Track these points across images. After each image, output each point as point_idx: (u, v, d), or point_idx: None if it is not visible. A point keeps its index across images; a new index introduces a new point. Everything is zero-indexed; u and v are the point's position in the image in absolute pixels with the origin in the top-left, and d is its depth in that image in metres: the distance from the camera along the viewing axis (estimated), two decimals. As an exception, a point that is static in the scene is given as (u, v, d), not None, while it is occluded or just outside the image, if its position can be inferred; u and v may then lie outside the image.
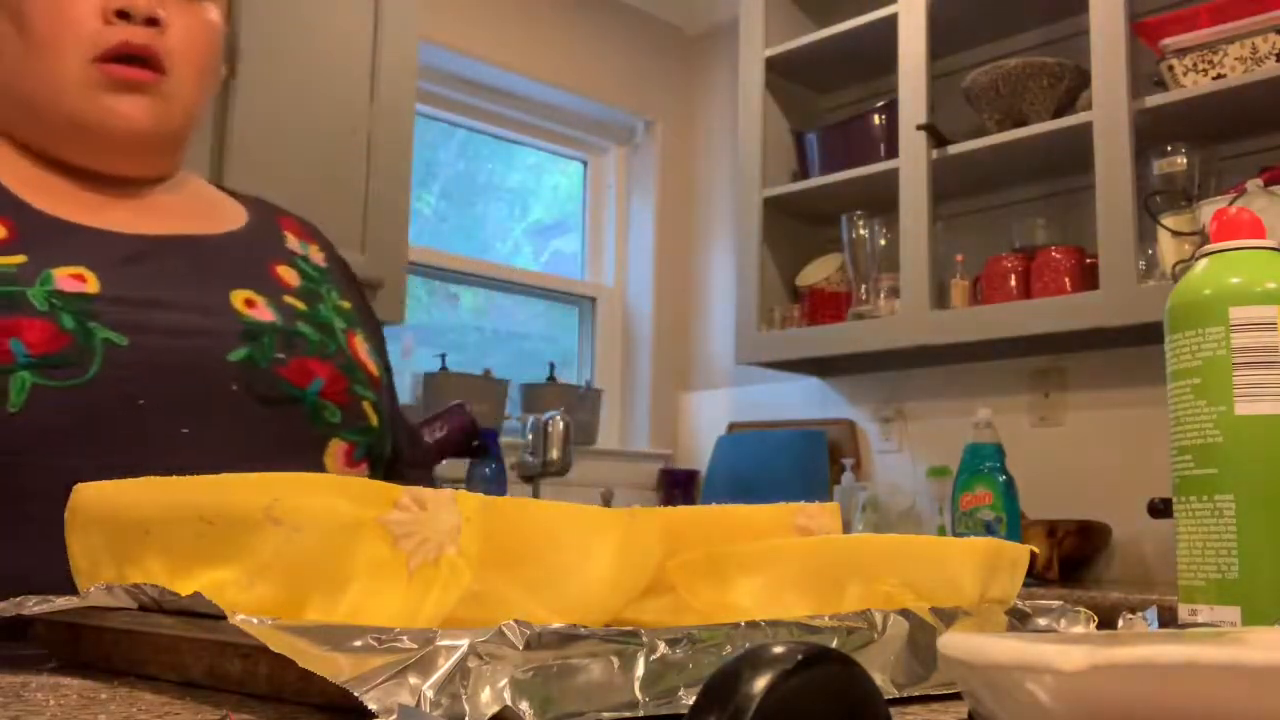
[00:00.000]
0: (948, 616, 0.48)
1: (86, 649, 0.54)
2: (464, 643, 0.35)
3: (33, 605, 0.52)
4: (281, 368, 0.85)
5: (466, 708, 0.34)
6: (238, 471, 0.58)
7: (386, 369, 1.03)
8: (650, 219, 3.61)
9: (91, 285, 0.82)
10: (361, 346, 0.95)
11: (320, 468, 0.87)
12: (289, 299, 0.92)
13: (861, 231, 2.82)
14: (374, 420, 0.92)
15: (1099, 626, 0.58)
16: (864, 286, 2.80)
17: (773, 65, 2.99)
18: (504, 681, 0.35)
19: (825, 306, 2.90)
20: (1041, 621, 0.56)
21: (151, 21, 0.86)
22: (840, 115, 3.06)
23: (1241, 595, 0.60)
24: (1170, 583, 0.65)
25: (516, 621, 0.36)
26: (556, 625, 0.37)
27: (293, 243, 1.01)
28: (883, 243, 2.79)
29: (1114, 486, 2.47)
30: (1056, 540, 2.32)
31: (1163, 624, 0.58)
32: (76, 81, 0.85)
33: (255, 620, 0.38)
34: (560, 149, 3.58)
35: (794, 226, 3.05)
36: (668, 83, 3.65)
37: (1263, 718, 0.28)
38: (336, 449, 0.89)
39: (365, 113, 2.42)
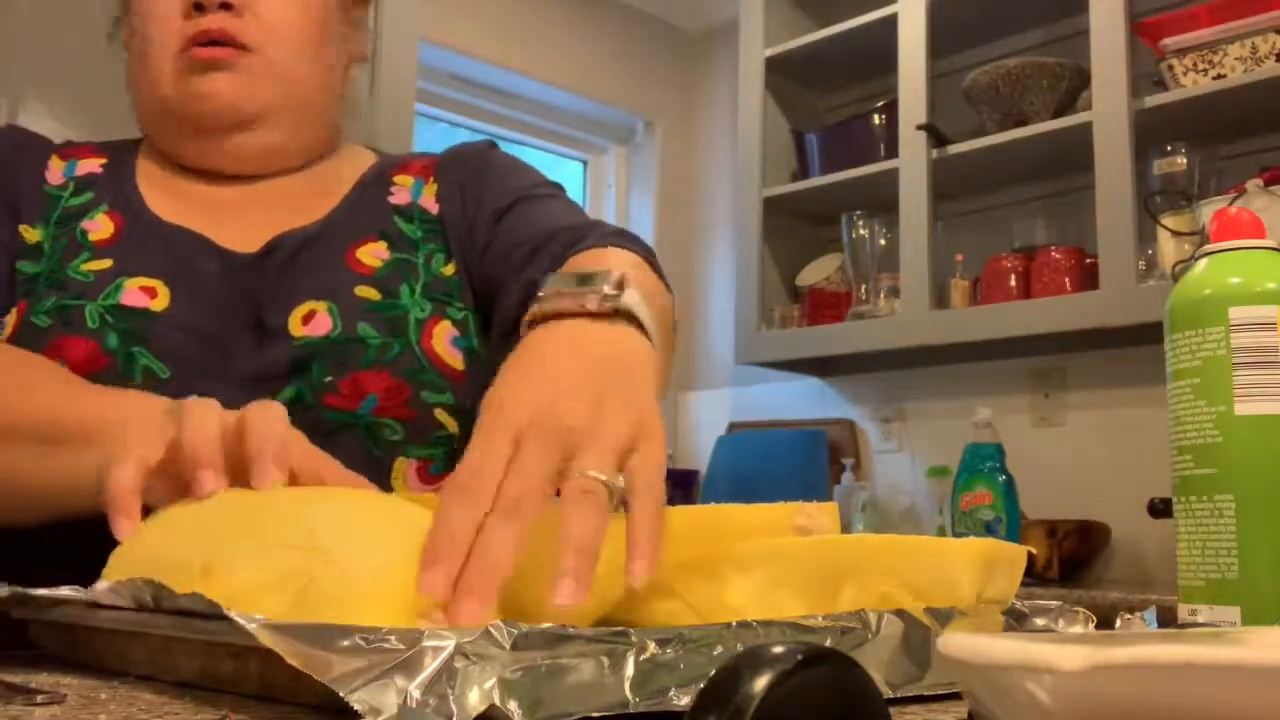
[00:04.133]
0: (943, 617, 0.48)
1: (83, 649, 0.54)
2: (450, 643, 0.34)
3: (35, 594, 0.52)
4: (331, 395, 0.80)
5: (454, 708, 0.34)
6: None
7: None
8: (650, 219, 3.60)
9: (160, 301, 0.81)
10: (443, 337, 0.85)
11: (389, 491, 0.78)
12: (361, 291, 0.85)
13: (861, 231, 2.82)
14: (451, 426, 0.83)
15: (1099, 626, 0.58)
16: (864, 286, 2.80)
17: (773, 65, 2.98)
18: (492, 681, 0.35)
19: (825, 306, 2.89)
20: (1039, 621, 0.55)
21: (225, 6, 0.86)
22: (840, 115, 3.06)
23: (1241, 595, 0.60)
24: (1170, 583, 0.65)
25: (504, 621, 0.35)
26: (545, 625, 0.36)
27: (401, 193, 0.94)
28: (883, 243, 2.79)
29: (1114, 486, 2.47)
30: (1056, 540, 2.31)
31: (1162, 624, 0.58)
32: (168, 73, 0.87)
33: (248, 619, 0.38)
34: (560, 149, 3.58)
35: (794, 226, 3.05)
36: (668, 83, 3.65)
37: (1263, 718, 0.28)
38: (405, 469, 0.81)
39: (365, 113, 2.42)
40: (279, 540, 0.46)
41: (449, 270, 0.90)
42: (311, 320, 0.83)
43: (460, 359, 0.85)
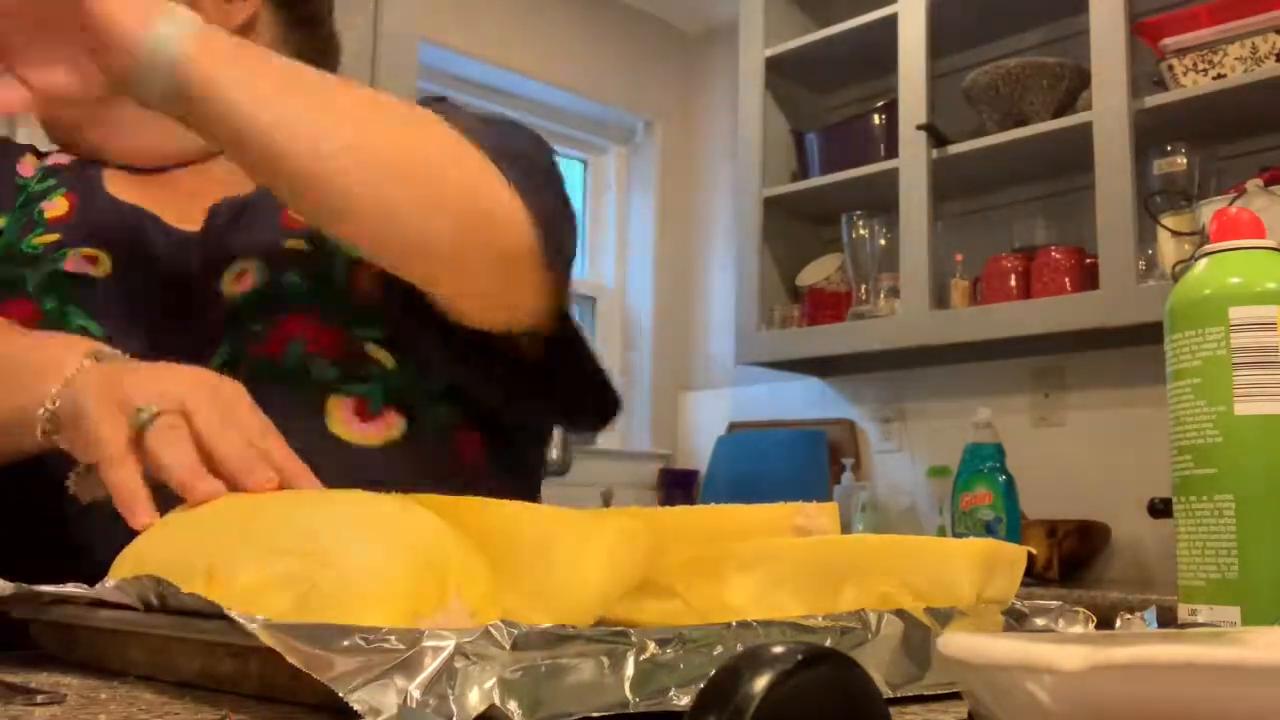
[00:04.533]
0: (942, 616, 0.48)
1: (83, 649, 0.54)
2: (450, 643, 0.34)
3: (39, 591, 0.52)
4: (258, 346, 0.79)
5: (454, 708, 0.34)
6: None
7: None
8: (650, 219, 3.61)
9: (101, 268, 0.81)
10: (370, 273, 0.83)
11: (326, 433, 0.78)
12: (291, 243, 0.84)
13: (861, 231, 2.82)
14: (388, 361, 0.81)
15: (1099, 626, 0.58)
16: (864, 286, 2.80)
17: (773, 65, 2.98)
18: (492, 681, 0.35)
19: (825, 306, 2.89)
20: (1039, 621, 0.55)
21: None
22: (840, 115, 3.06)
23: (1241, 595, 0.60)
24: (1170, 583, 0.65)
25: (504, 621, 0.35)
26: (545, 625, 0.36)
27: None
28: (883, 243, 2.79)
29: (1114, 486, 2.47)
30: (1056, 540, 2.31)
31: (1162, 624, 0.58)
32: None
33: (248, 618, 0.38)
34: (560, 149, 3.58)
35: (794, 226, 3.05)
36: (668, 83, 3.65)
37: (1263, 718, 0.28)
38: (338, 408, 0.79)
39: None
40: (279, 543, 0.46)
41: None
42: (243, 279, 0.82)
43: (393, 293, 0.83)
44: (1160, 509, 2.01)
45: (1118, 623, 0.56)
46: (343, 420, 0.79)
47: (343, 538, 0.46)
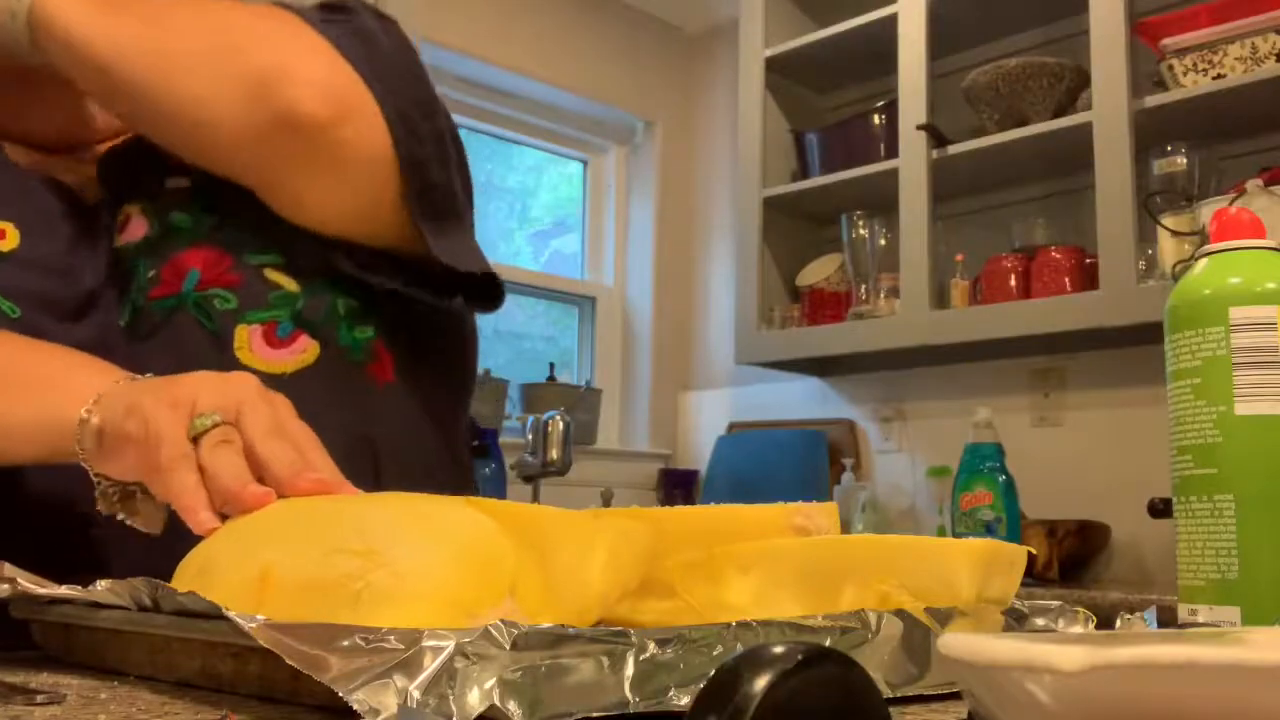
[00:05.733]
0: (942, 617, 0.48)
1: (83, 649, 0.54)
2: (450, 643, 0.34)
3: (33, 589, 0.52)
4: (156, 289, 0.77)
5: (454, 708, 0.34)
6: None
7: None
8: (650, 219, 3.60)
9: (8, 242, 0.77)
10: (256, 199, 0.80)
11: (236, 365, 0.76)
12: (173, 181, 0.82)
13: (861, 231, 2.82)
14: (290, 284, 0.79)
15: (1099, 626, 0.58)
16: (864, 286, 2.80)
17: (773, 65, 2.98)
18: (492, 682, 0.35)
19: (825, 306, 2.89)
20: (1039, 621, 0.55)
21: None
22: (840, 115, 3.06)
23: (1241, 595, 0.60)
24: (1170, 583, 0.65)
25: (504, 621, 0.35)
26: (544, 625, 0.36)
27: None
28: (883, 243, 2.79)
29: (1114, 486, 2.47)
30: (1056, 540, 2.31)
31: (1162, 624, 0.58)
32: None
33: (247, 619, 0.38)
34: (560, 149, 3.58)
35: (794, 226, 3.05)
36: (668, 83, 3.65)
37: (1263, 718, 0.28)
38: (248, 337, 0.77)
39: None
40: (333, 544, 0.46)
41: None
42: (127, 226, 0.81)
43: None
44: (1160, 509, 2.01)
45: (1118, 623, 0.56)
46: (253, 349, 0.77)
47: (397, 537, 0.46)
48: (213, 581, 0.49)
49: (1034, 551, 0.62)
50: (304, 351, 0.79)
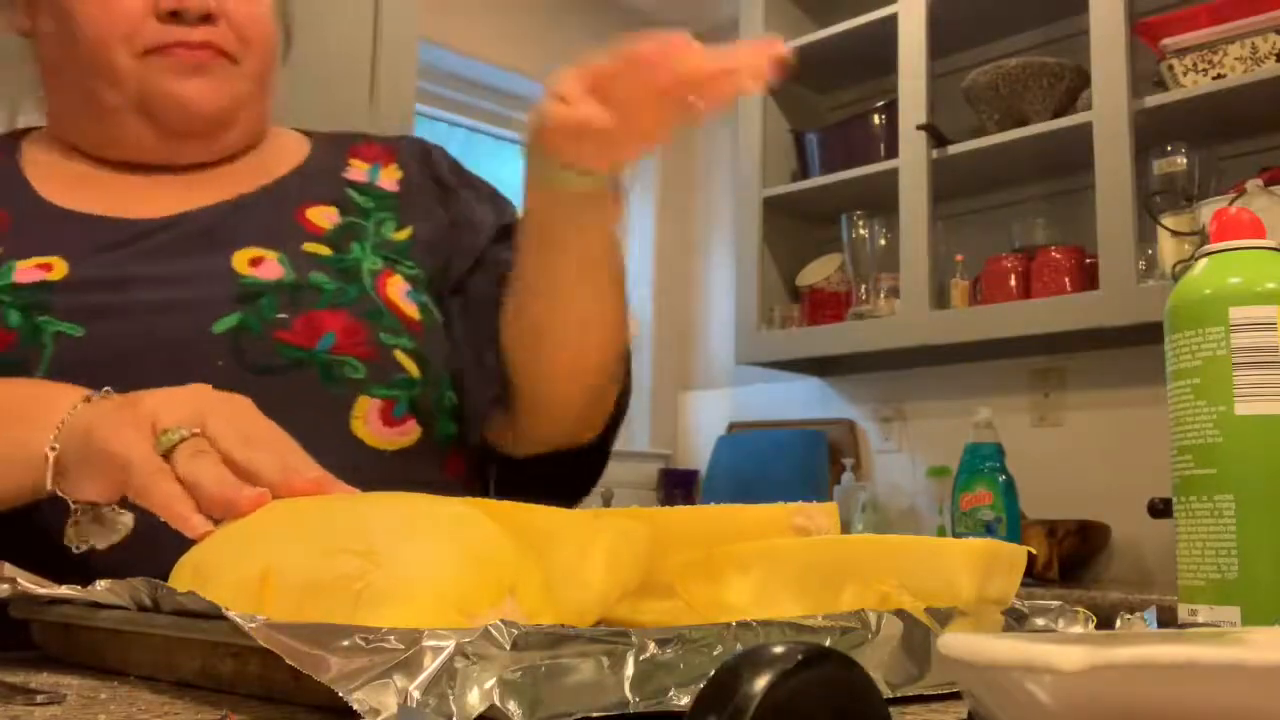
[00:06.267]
0: (942, 617, 0.48)
1: (83, 649, 0.54)
2: (450, 643, 0.34)
3: (33, 589, 0.52)
4: (283, 330, 0.78)
5: (454, 708, 0.34)
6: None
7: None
8: (650, 219, 3.60)
9: (56, 273, 0.78)
10: (397, 288, 0.85)
11: (347, 432, 0.79)
12: (310, 246, 0.85)
13: (861, 231, 2.82)
14: (413, 370, 0.82)
15: (1099, 626, 0.58)
16: (864, 286, 2.80)
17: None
18: (492, 682, 0.35)
19: (825, 306, 2.89)
20: (1039, 621, 0.55)
21: (205, 18, 0.83)
22: (840, 115, 3.06)
23: (1241, 595, 0.60)
24: (1170, 583, 0.65)
25: (504, 621, 0.35)
26: (545, 625, 0.36)
27: (358, 170, 0.95)
28: (883, 243, 2.79)
29: (1114, 486, 2.47)
30: (1056, 540, 2.31)
31: (1162, 624, 0.58)
32: (134, 73, 0.83)
33: (247, 618, 0.38)
34: (560, 149, 3.58)
35: (794, 226, 3.05)
36: (668, 83, 3.64)
37: (1263, 718, 0.28)
38: (367, 409, 0.80)
39: (365, 113, 2.41)
40: (332, 544, 0.46)
41: (400, 235, 0.90)
42: (260, 264, 0.81)
43: (415, 310, 0.85)
44: (1160, 509, 2.01)
45: (1118, 623, 0.56)
46: (367, 421, 0.80)
47: (396, 537, 0.46)
48: (209, 584, 0.49)
49: (1034, 551, 0.62)
50: (408, 435, 0.82)
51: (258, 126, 0.93)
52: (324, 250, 0.85)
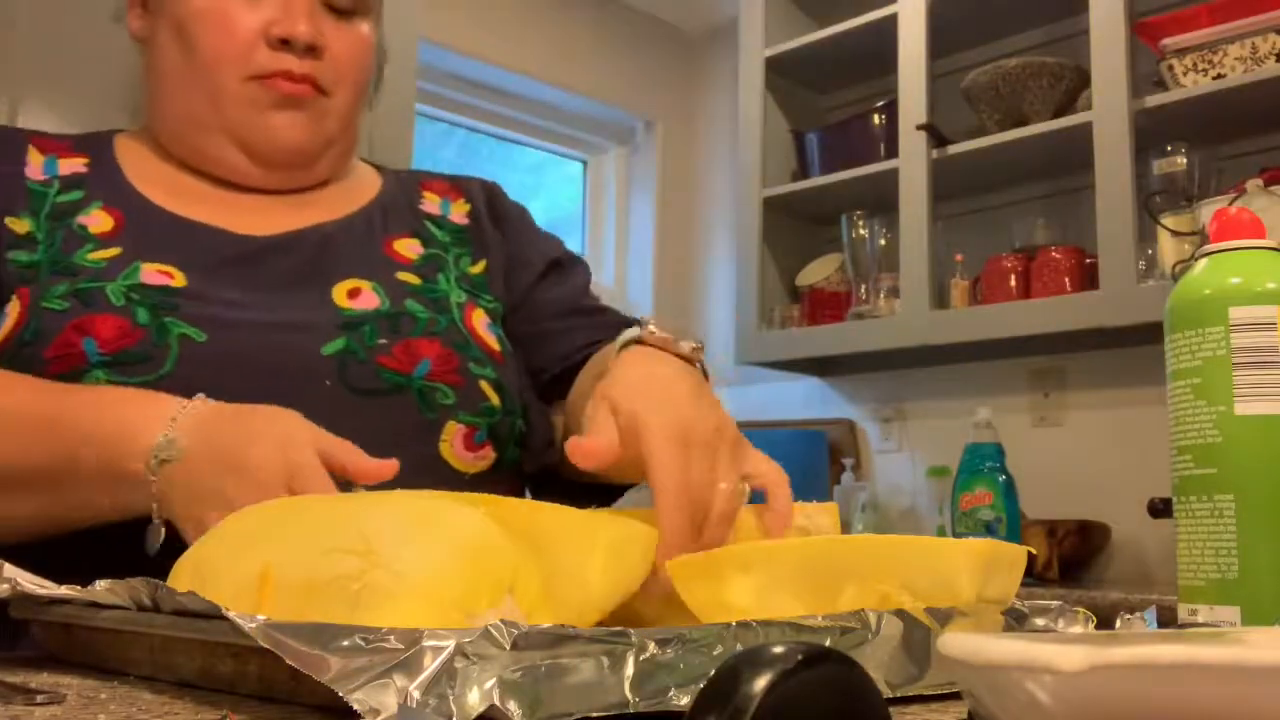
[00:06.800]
0: (942, 617, 0.48)
1: (83, 649, 0.54)
2: (450, 643, 0.34)
3: (33, 589, 0.52)
4: (384, 356, 0.83)
5: (454, 708, 0.34)
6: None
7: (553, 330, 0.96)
8: (650, 219, 3.60)
9: (178, 281, 0.82)
10: (480, 320, 0.91)
11: (435, 455, 0.84)
12: (402, 275, 0.90)
13: (861, 231, 2.82)
14: (495, 399, 0.87)
15: (1099, 626, 0.58)
16: (864, 286, 2.80)
17: (773, 65, 2.98)
18: (492, 682, 0.35)
19: (825, 306, 2.89)
20: (1039, 621, 0.55)
21: (310, 49, 0.88)
22: (840, 115, 3.06)
23: (1241, 595, 0.60)
24: (1170, 583, 0.65)
25: (504, 621, 0.35)
26: (545, 625, 0.36)
27: (431, 204, 1.01)
28: (883, 243, 2.79)
29: (1114, 486, 2.47)
30: (1056, 540, 2.31)
31: (1162, 624, 0.58)
32: (235, 96, 0.87)
33: (247, 618, 0.38)
34: (560, 149, 3.58)
35: (794, 226, 3.05)
36: (668, 83, 3.65)
37: (1263, 718, 0.28)
38: (454, 433, 0.85)
39: (365, 112, 2.41)
40: (332, 544, 0.46)
41: (477, 269, 0.96)
42: (358, 296, 0.87)
43: (495, 341, 0.91)
44: (1160, 509, 2.01)
45: (1118, 623, 0.56)
46: (454, 445, 0.85)
47: (396, 537, 0.46)
48: (209, 583, 0.49)
49: (1034, 551, 0.62)
50: (485, 459, 0.87)
51: (344, 159, 0.98)
52: (414, 279, 0.91)
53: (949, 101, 2.67)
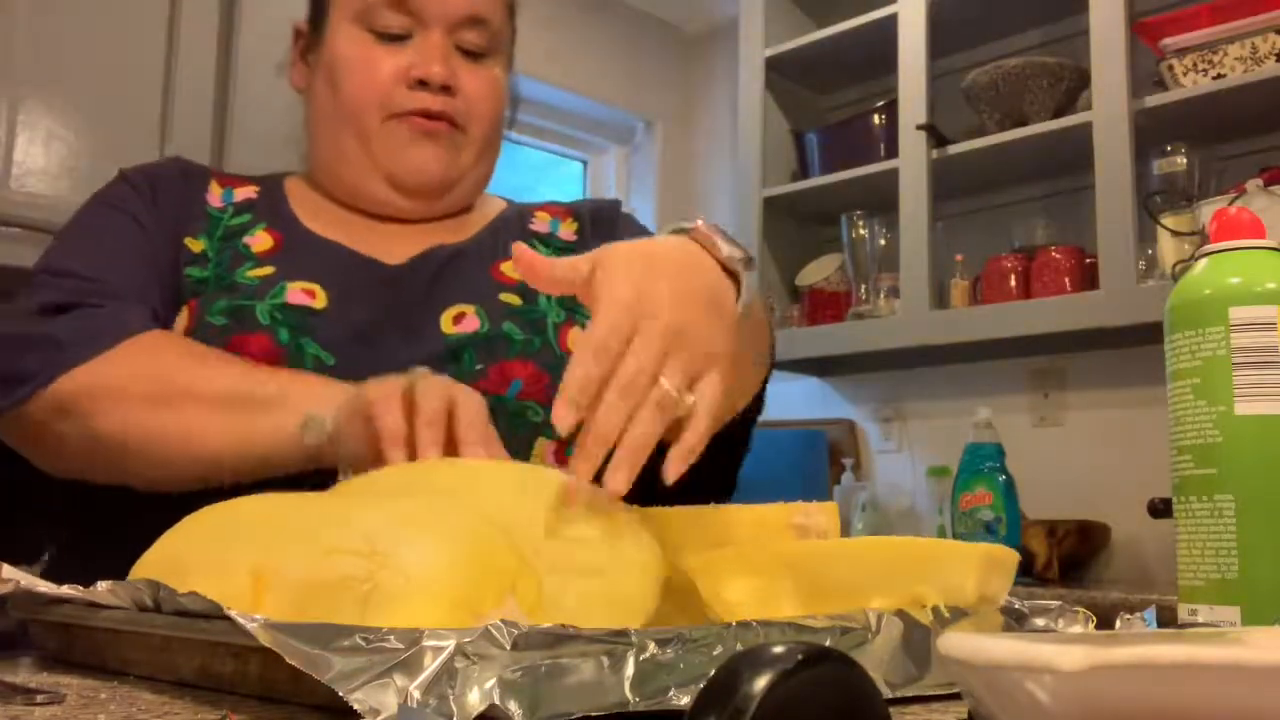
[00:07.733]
0: (942, 616, 0.48)
1: (83, 649, 0.54)
2: (450, 643, 0.34)
3: (33, 589, 0.52)
4: (481, 380, 0.87)
5: (454, 708, 0.34)
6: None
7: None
8: (650, 219, 3.60)
9: (319, 301, 0.90)
10: (576, 336, 0.96)
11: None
12: (505, 296, 0.96)
13: (861, 231, 2.82)
14: None
15: (1099, 626, 0.58)
16: (864, 286, 2.80)
17: (773, 65, 2.98)
18: (492, 681, 0.35)
19: (825, 306, 2.89)
20: (1039, 621, 0.56)
21: (445, 89, 0.97)
22: (840, 115, 3.06)
23: (1241, 595, 0.60)
24: (1170, 583, 0.65)
25: (504, 621, 0.35)
26: (544, 625, 0.36)
27: (541, 223, 1.07)
28: (883, 243, 2.78)
29: (1114, 486, 2.47)
30: (1056, 540, 2.31)
31: (1162, 624, 0.58)
32: (379, 133, 0.96)
33: (248, 618, 0.38)
34: (560, 149, 3.58)
35: (794, 226, 3.05)
36: (667, 83, 3.65)
37: (1263, 718, 0.28)
38: (544, 449, 0.90)
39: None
40: (332, 544, 0.46)
41: None
42: (461, 321, 0.93)
43: None
44: (1160, 509, 2.01)
45: (1118, 623, 0.56)
46: (544, 460, 0.90)
47: (401, 538, 0.46)
48: (189, 576, 0.48)
49: (1031, 549, 0.62)
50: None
51: (477, 189, 1.06)
52: (515, 300, 0.96)
53: (949, 101, 2.67)
